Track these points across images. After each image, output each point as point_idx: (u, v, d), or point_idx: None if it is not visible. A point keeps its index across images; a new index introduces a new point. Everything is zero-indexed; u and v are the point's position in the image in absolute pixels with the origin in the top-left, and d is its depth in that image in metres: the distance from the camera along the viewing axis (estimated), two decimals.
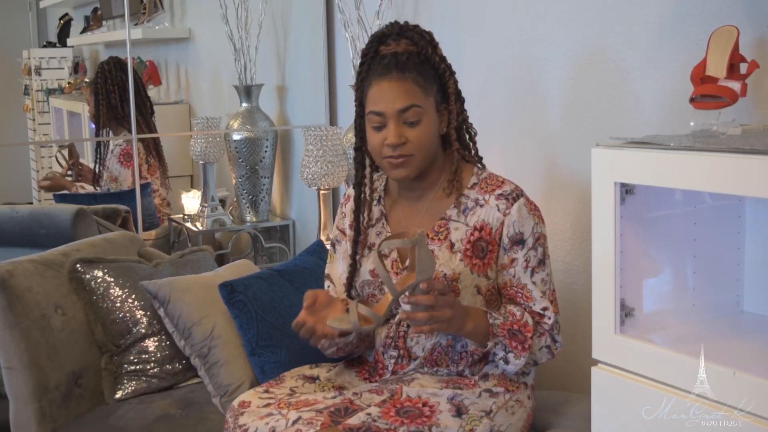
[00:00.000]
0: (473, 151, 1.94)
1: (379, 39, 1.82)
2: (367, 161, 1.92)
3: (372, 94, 1.80)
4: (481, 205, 1.84)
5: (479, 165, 1.93)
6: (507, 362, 1.77)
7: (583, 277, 2.23)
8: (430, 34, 1.84)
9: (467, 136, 1.93)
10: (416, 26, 1.83)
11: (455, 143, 1.86)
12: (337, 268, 2.00)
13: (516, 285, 1.83)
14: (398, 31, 1.82)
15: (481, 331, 1.75)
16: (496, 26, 2.45)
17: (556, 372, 2.32)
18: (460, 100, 1.89)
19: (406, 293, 1.67)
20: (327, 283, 2.02)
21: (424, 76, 1.79)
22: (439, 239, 1.85)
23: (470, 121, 1.93)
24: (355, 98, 1.87)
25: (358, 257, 1.93)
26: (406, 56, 1.78)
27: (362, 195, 1.93)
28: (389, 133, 1.78)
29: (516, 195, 1.83)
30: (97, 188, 3.95)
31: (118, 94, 3.89)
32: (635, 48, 2.02)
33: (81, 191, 4.03)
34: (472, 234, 1.83)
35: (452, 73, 1.86)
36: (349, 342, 1.89)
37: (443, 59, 1.84)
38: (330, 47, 3.40)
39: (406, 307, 1.71)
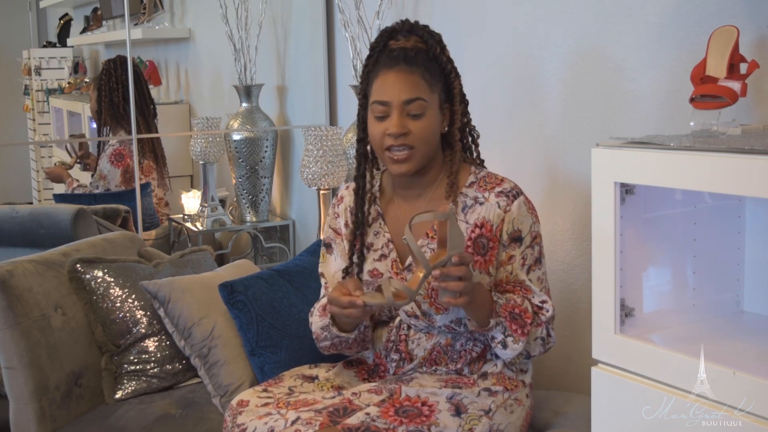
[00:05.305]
0: (475, 154, 1.95)
1: (389, 33, 1.84)
2: (370, 155, 1.92)
3: (378, 85, 1.81)
4: (481, 203, 1.84)
5: (477, 165, 1.93)
6: (505, 346, 1.77)
7: (583, 277, 2.23)
8: (439, 35, 1.86)
9: (470, 138, 1.94)
10: (426, 26, 1.85)
11: (458, 144, 1.87)
12: (330, 266, 1.99)
13: (513, 281, 1.83)
14: (409, 28, 1.83)
15: (486, 304, 1.75)
16: (496, 26, 2.45)
17: (556, 372, 2.32)
18: (465, 102, 1.90)
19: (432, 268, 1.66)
20: (322, 281, 2.01)
21: (431, 72, 1.81)
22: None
23: (473, 123, 1.93)
24: (360, 90, 1.88)
25: (356, 257, 1.92)
26: (415, 52, 1.80)
27: (364, 186, 1.92)
28: (391, 123, 1.78)
29: (516, 193, 1.84)
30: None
31: (120, 93, 3.90)
32: (635, 48, 2.02)
33: (75, 183, 4.03)
34: (472, 231, 1.83)
35: (458, 75, 1.87)
36: (344, 339, 1.88)
37: (450, 60, 1.85)
38: (330, 47, 3.40)
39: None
